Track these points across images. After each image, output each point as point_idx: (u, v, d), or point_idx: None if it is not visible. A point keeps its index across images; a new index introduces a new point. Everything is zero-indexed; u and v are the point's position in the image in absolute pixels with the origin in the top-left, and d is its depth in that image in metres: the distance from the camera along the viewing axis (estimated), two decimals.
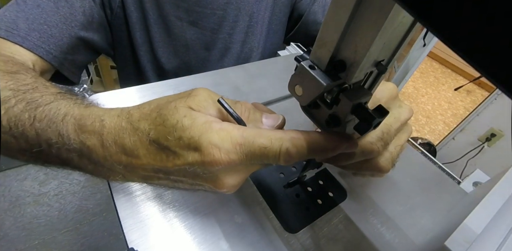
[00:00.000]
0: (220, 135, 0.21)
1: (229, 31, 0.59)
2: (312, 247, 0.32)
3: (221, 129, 0.21)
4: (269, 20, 0.63)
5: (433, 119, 2.25)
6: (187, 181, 0.24)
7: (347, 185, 0.39)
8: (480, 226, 0.28)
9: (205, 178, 0.23)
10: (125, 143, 0.22)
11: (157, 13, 0.53)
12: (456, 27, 0.09)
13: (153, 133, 0.22)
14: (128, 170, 0.23)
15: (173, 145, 0.21)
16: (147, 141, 0.22)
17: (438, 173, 0.45)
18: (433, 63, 2.86)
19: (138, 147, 0.22)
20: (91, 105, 0.26)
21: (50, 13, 0.41)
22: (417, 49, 1.38)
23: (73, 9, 0.44)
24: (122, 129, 0.23)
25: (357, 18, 0.18)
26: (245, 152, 0.21)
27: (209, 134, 0.21)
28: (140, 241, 0.29)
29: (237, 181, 0.23)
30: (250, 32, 0.61)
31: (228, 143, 0.21)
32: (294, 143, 0.22)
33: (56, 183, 0.72)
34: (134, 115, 0.23)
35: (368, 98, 0.24)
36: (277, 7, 0.63)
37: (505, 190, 0.32)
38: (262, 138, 0.21)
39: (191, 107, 0.22)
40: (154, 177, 0.23)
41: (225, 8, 0.56)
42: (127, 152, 0.22)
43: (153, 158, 0.22)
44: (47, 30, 0.41)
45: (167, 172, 0.23)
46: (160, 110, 0.22)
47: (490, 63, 0.09)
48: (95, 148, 0.23)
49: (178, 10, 0.53)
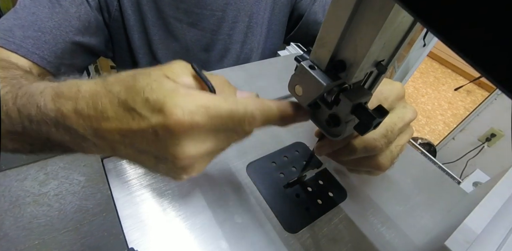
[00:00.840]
0: (186, 98, 0.21)
1: (228, 32, 0.59)
2: (312, 247, 0.32)
3: (187, 93, 0.22)
4: (268, 20, 0.63)
5: (433, 119, 2.25)
6: (151, 152, 0.23)
7: (347, 185, 0.39)
8: (480, 226, 0.28)
9: (166, 146, 0.22)
10: (96, 106, 0.23)
11: (155, 15, 0.53)
12: (456, 27, 0.09)
13: (123, 94, 0.22)
14: (98, 136, 0.23)
15: (139, 107, 0.21)
16: (116, 103, 0.22)
17: (438, 173, 0.45)
18: (433, 63, 2.86)
19: (107, 109, 0.22)
20: (70, 78, 0.27)
21: (45, 20, 0.43)
22: (417, 49, 1.38)
23: (68, 15, 0.44)
24: (96, 93, 0.23)
25: (357, 18, 0.18)
26: (210, 115, 0.21)
27: (174, 96, 0.21)
28: (140, 241, 0.29)
29: (199, 151, 0.23)
30: (250, 33, 0.61)
31: (193, 105, 0.21)
32: (259, 108, 0.23)
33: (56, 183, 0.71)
34: (109, 80, 0.24)
35: (368, 98, 0.24)
36: (276, 8, 0.63)
37: (505, 190, 0.32)
38: (228, 102, 0.22)
39: (166, 75, 0.23)
40: (121, 144, 0.23)
41: (225, 9, 0.56)
42: (97, 115, 0.23)
43: (120, 120, 0.22)
44: (41, 37, 0.42)
45: (133, 137, 0.22)
46: (135, 75, 0.23)
47: (490, 63, 0.09)
48: (69, 113, 0.23)
49: (177, 12, 0.53)
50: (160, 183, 0.35)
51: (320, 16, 0.64)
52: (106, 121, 0.22)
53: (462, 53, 0.09)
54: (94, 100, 0.23)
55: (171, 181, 0.35)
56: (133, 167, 0.36)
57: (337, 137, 0.25)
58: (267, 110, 0.24)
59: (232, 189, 0.36)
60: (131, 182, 0.34)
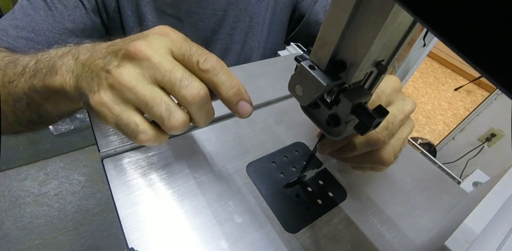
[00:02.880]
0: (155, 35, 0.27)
1: (229, 32, 0.59)
2: (312, 247, 0.32)
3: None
4: (270, 20, 0.63)
5: (433, 119, 2.25)
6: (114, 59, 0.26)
7: (347, 185, 0.39)
8: (480, 226, 0.28)
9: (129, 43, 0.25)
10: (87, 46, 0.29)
11: (156, 16, 0.53)
12: (456, 27, 0.09)
13: (111, 43, 0.28)
14: (80, 60, 0.28)
15: (120, 42, 0.27)
16: (106, 46, 0.28)
17: (438, 173, 0.45)
18: (433, 63, 2.86)
19: (95, 45, 0.29)
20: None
21: (39, 22, 0.43)
22: (417, 49, 1.38)
23: (62, 18, 0.45)
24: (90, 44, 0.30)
25: (357, 18, 0.18)
26: (187, 41, 0.26)
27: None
28: (140, 241, 0.29)
29: (146, 49, 0.24)
30: (251, 33, 0.62)
31: (168, 29, 0.28)
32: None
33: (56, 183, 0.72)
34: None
35: (368, 98, 0.24)
36: (278, 8, 0.63)
37: (505, 190, 0.32)
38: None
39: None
40: (98, 64, 0.26)
41: (226, 9, 0.56)
42: (87, 49, 0.29)
43: (104, 47, 0.27)
44: (34, 38, 0.43)
45: (111, 49, 0.26)
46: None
47: (490, 63, 0.09)
48: (63, 53, 0.29)
49: (179, 12, 0.53)
50: (160, 183, 0.35)
51: (321, 16, 0.64)
52: (89, 54, 0.27)
53: (462, 53, 0.09)
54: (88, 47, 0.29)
55: (171, 182, 0.35)
56: (133, 167, 0.36)
57: (337, 137, 0.25)
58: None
59: (232, 189, 0.36)
60: (131, 182, 0.34)
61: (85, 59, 0.27)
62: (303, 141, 0.44)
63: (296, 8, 0.66)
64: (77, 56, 0.28)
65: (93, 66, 0.25)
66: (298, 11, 0.66)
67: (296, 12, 0.66)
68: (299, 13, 0.66)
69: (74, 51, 0.29)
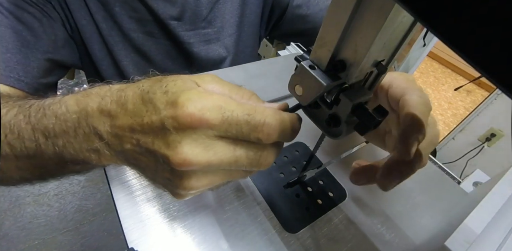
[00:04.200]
0: (202, 95, 0.21)
1: (188, 40, 0.55)
2: (312, 247, 0.32)
3: (206, 92, 0.21)
4: (237, 24, 0.59)
5: None
6: (153, 152, 0.21)
7: (347, 185, 0.39)
8: (480, 226, 0.28)
9: (167, 143, 0.20)
10: (119, 100, 0.22)
11: (109, 25, 0.50)
12: (456, 27, 0.09)
13: (147, 87, 0.22)
14: (112, 134, 0.23)
15: (157, 98, 0.21)
16: (138, 94, 0.22)
17: (438, 173, 0.45)
18: (433, 63, 2.86)
19: (128, 101, 0.22)
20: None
21: (10, 40, 0.40)
22: (417, 49, 1.38)
23: (33, 31, 0.42)
24: (124, 88, 0.23)
25: (357, 18, 0.18)
26: (224, 114, 0.20)
27: (191, 92, 0.21)
28: (140, 241, 0.29)
29: (199, 157, 0.20)
30: (214, 39, 0.58)
31: (208, 102, 0.20)
32: (277, 118, 0.21)
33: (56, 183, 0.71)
34: (142, 79, 0.24)
35: (368, 98, 0.24)
36: (247, 9, 0.59)
37: (505, 190, 0.32)
38: (246, 106, 0.21)
39: (194, 80, 0.23)
40: (129, 142, 0.22)
41: (180, 17, 0.52)
42: (117, 109, 0.22)
43: (134, 113, 0.22)
44: (11, 58, 0.39)
45: (141, 132, 0.21)
46: (166, 76, 0.23)
47: (490, 63, 0.09)
48: (92, 111, 0.23)
49: (130, 22, 0.50)
50: None
51: (304, 8, 0.61)
52: (122, 116, 0.22)
53: (462, 53, 0.09)
54: (120, 94, 0.23)
55: None
56: None
57: (337, 137, 0.25)
58: (285, 121, 0.22)
59: (232, 189, 0.36)
60: (131, 182, 0.34)
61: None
62: (303, 141, 0.44)
63: (274, 4, 0.63)
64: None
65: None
66: (278, 7, 0.63)
67: (276, 9, 0.63)
68: (279, 9, 0.63)
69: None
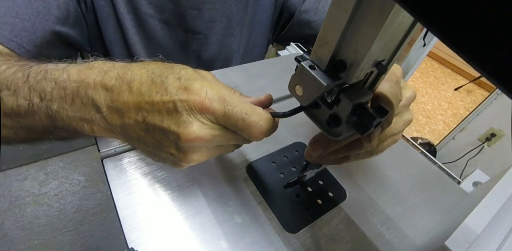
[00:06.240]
0: (212, 85, 0.24)
1: (204, 32, 0.56)
2: (312, 247, 0.32)
3: (215, 82, 0.25)
4: (250, 21, 0.60)
5: (433, 119, 2.25)
6: (159, 129, 0.24)
7: (347, 185, 0.39)
8: (480, 226, 0.28)
9: (178, 122, 0.23)
10: (124, 77, 0.24)
11: (126, 9, 0.50)
12: (456, 27, 0.09)
13: (158, 70, 0.24)
14: (112, 108, 0.24)
15: (170, 82, 0.23)
16: (148, 76, 0.24)
17: (438, 173, 0.45)
18: (433, 63, 2.86)
19: (135, 80, 0.24)
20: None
21: (22, 6, 0.40)
22: (417, 49, 1.38)
23: (47, 2, 0.42)
24: (130, 66, 0.25)
25: (357, 18, 0.18)
26: (226, 108, 0.24)
27: (204, 81, 0.24)
28: (140, 241, 0.29)
29: (205, 136, 0.24)
30: (229, 34, 0.59)
31: (217, 94, 0.24)
32: (267, 119, 0.25)
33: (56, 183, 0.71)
34: (146, 62, 0.26)
35: (369, 98, 0.24)
36: (259, 8, 0.60)
37: (505, 190, 0.32)
38: (246, 106, 0.24)
39: (196, 71, 0.26)
40: (132, 118, 0.24)
41: (200, 8, 0.53)
42: (122, 86, 0.24)
43: (142, 93, 0.23)
44: (19, 24, 0.39)
45: (149, 110, 0.24)
46: (171, 63, 0.26)
47: (490, 63, 0.09)
48: (93, 83, 0.24)
49: (148, 7, 0.50)
50: (160, 183, 0.35)
51: (311, 14, 0.62)
52: (127, 93, 0.24)
53: (462, 53, 0.09)
54: (125, 71, 0.24)
55: (171, 182, 0.35)
56: (133, 167, 0.36)
57: (337, 137, 0.25)
58: (274, 126, 0.26)
59: (232, 189, 0.36)
60: (131, 182, 0.34)
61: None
62: (303, 141, 0.44)
63: (284, 8, 0.63)
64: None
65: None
66: (287, 11, 0.63)
67: (284, 12, 0.64)
68: (288, 13, 0.64)
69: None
